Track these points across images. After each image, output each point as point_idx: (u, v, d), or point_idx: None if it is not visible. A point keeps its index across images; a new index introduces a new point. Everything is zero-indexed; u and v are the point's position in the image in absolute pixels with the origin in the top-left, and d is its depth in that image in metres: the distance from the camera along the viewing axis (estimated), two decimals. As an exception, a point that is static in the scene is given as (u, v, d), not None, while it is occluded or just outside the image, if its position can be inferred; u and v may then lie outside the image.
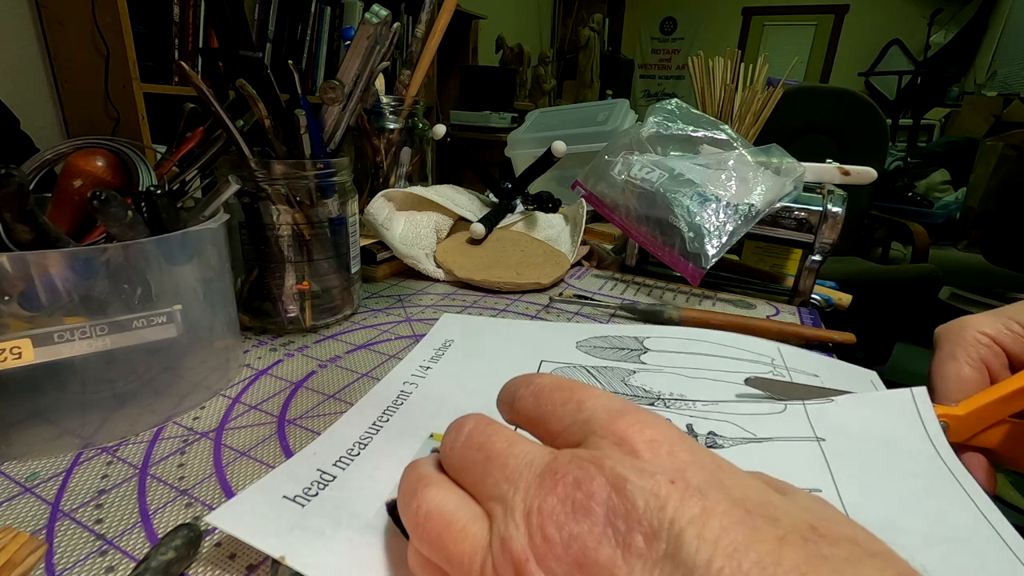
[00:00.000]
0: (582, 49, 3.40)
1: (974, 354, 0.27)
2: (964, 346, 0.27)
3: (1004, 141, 2.09)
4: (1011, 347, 0.27)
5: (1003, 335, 0.27)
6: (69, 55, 1.25)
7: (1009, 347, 0.27)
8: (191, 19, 1.31)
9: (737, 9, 4.34)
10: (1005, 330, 0.27)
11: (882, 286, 1.53)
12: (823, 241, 0.48)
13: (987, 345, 0.27)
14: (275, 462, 0.25)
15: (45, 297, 0.23)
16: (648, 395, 0.31)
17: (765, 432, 0.27)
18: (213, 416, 0.28)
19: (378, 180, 0.60)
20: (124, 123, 1.23)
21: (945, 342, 0.29)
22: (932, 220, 2.22)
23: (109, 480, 0.23)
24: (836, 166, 0.53)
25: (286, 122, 0.35)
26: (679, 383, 0.32)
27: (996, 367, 0.27)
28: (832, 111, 1.67)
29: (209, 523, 0.19)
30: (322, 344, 0.37)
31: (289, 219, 0.36)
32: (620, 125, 0.82)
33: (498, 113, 2.47)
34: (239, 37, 0.35)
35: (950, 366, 0.27)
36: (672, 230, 0.47)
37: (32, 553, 0.19)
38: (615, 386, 0.32)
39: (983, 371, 0.27)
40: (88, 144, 0.30)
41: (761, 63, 0.59)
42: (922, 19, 3.70)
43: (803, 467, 0.24)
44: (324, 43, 1.72)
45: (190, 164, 0.33)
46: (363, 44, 0.36)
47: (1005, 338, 0.27)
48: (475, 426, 0.16)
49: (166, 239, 0.26)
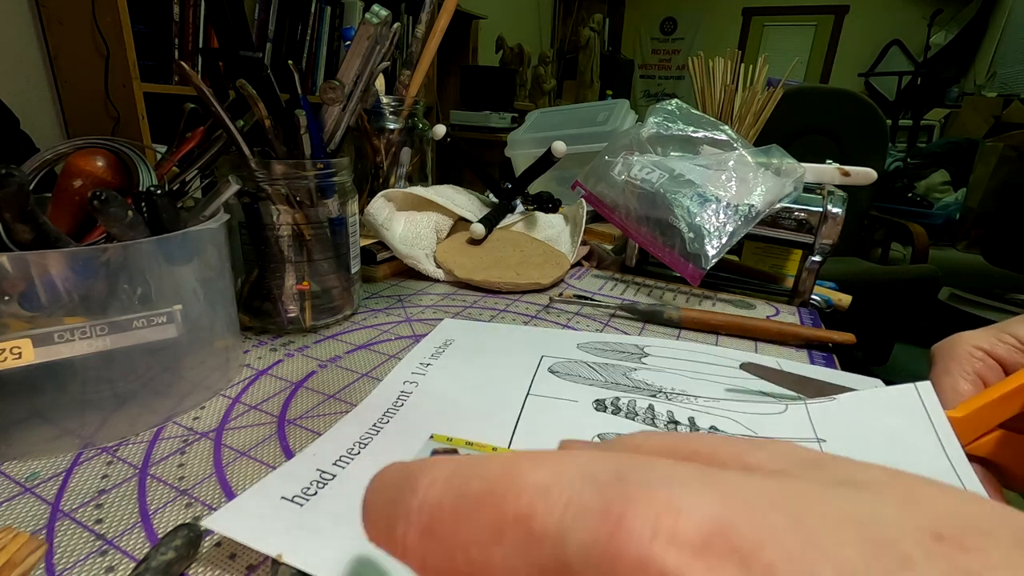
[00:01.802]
0: (582, 49, 3.40)
1: (969, 368, 0.27)
2: (959, 361, 0.28)
3: (1004, 142, 2.09)
4: (1006, 359, 0.27)
5: (997, 347, 0.27)
6: (69, 55, 1.25)
7: (1004, 359, 0.27)
8: (191, 19, 1.31)
9: (737, 9, 4.34)
10: (998, 343, 0.27)
11: (882, 287, 1.53)
12: (823, 242, 0.48)
13: (981, 359, 0.27)
14: (275, 462, 0.25)
15: (45, 297, 0.23)
16: (650, 388, 0.31)
17: (766, 431, 0.26)
18: (213, 416, 0.28)
19: (378, 180, 0.60)
20: (124, 123, 1.23)
21: (940, 358, 0.29)
22: (932, 221, 2.22)
23: (109, 480, 0.23)
24: (836, 167, 0.53)
25: (286, 122, 0.35)
26: (680, 381, 0.32)
27: (991, 380, 0.27)
28: (832, 112, 1.67)
29: (207, 527, 0.19)
30: (322, 344, 0.37)
31: (289, 219, 0.36)
32: (620, 125, 0.82)
33: (498, 113, 2.47)
34: (239, 37, 0.35)
35: (945, 380, 0.28)
36: (672, 230, 0.47)
37: (32, 553, 0.19)
38: (617, 379, 0.32)
39: (979, 384, 0.27)
40: (88, 144, 0.30)
41: (761, 63, 0.59)
42: (922, 19, 3.71)
43: None
44: (324, 43, 1.72)
45: (190, 164, 0.33)
46: (363, 44, 0.36)
47: (999, 350, 0.27)
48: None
49: (166, 239, 0.26)
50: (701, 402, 0.29)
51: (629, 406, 0.28)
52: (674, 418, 0.27)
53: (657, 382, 0.32)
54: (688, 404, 0.29)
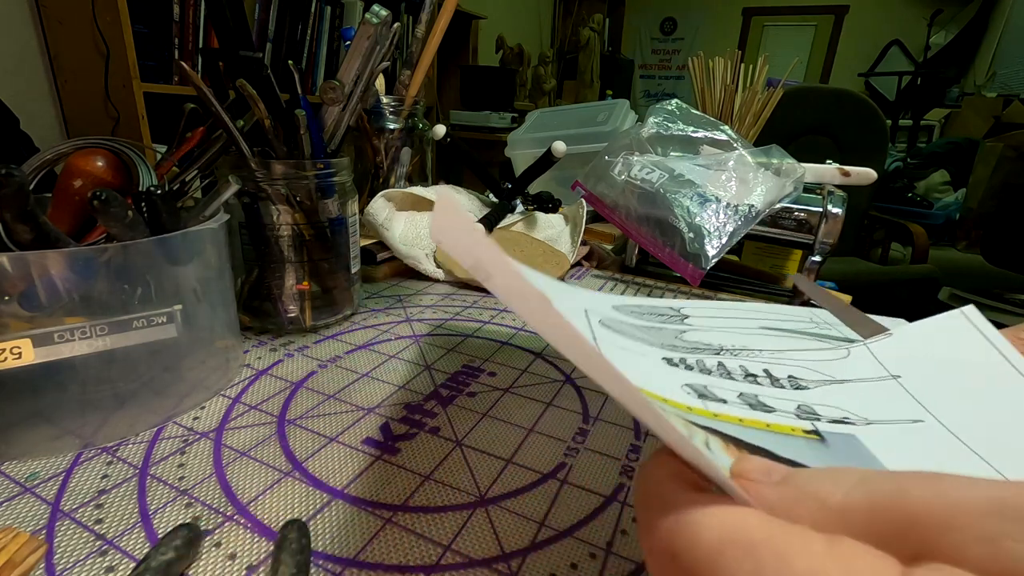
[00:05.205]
0: (582, 49, 3.40)
1: None
2: None
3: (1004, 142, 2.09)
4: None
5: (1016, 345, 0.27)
6: (69, 55, 1.25)
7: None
8: (191, 19, 1.31)
9: (737, 9, 4.34)
10: (1017, 340, 0.27)
11: (881, 287, 1.53)
12: (823, 242, 0.48)
13: None
14: (275, 462, 0.25)
15: (45, 297, 0.23)
16: (709, 348, 0.29)
17: (842, 374, 0.25)
18: (213, 416, 0.28)
19: (378, 180, 0.60)
20: (124, 123, 1.23)
21: None
22: (932, 221, 2.22)
23: (109, 480, 0.23)
24: (836, 167, 0.53)
25: (286, 122, 0.35)
26: (732, 338, 0.30)
27: None
28: (832, 112, 1.67)
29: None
30: (322, 344, 0.37)
31: (289, 219, 0.36)
32: (620, 125, 0.82)
33: (498, 113, 2.47)
34: (239, 37, 0.35)
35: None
36: (672, 231, 0.47)
37: (32, 553, 0.19)
38: (671, 341, 0.29)
39: None
40: (88, 144, 0.30)
41: (761, 63, 0.59)
42: (922, 20, 3.71)
43: (894, 404, 0.23)
44: (324, 43, 1.72)
45: (190, 164, 0.33)
46: (363, 44, 0.36)
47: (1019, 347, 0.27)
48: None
49: (166, 239, 0.26)
50: (767, 355, 0.27)
51: (699, 364, 0.27)
52: (749, 371, 0.25)
53: (714, 342, 0.30)
54: (757, 359, 0.27)
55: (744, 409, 0.19)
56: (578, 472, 0.25)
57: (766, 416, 0.19)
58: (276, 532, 0.21)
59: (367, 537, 0.21)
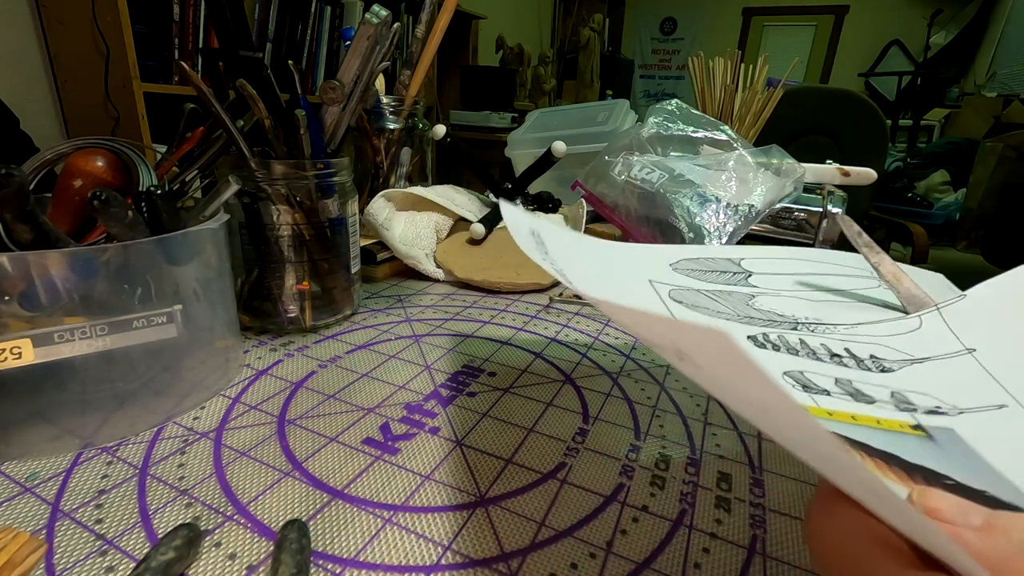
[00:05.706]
0: (582, 49, 3.40)
1: None
2: None
3: (1004, 142, 2.09)
4: None
5: None
6: (69, 55, 1.25)
7: None
8: (191, 19, 1.31)
9: (737, 9, 4.34)
10: None
11: (882, 287, 1.53)
12: (823, 242, 0.48)
13: None
14: (275, 462, 0.25)
15: (45, 297, 0.23)
16: (784, 319, 0.28)
17: (921, 352, 0.24)
18: (213, 416, 0.28)
19: (378, 180, 0.60)
20: (124, 123, 1.23)
21: None
22: (932, 221, 2.22)
23: (109, 480, 0.23)
24: (836, 167, 0.53)
25: (286, 122, 0.35)
26: (804, 307, 0.29)
27: None
28: (832, 112, 1.67)
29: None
30: (322, 344, 0.37)
31: (289, 219, 0.36)
32: (620, 125, 0.82)
33: (498, 113, 2.47)
34: (239, 37, 0.35)
35: None
36: (672, 230, 0.47)
37: (32, 553, 0.19)
38: (744, 311, 0.28)
39: None
40: (88, 144, 0.30)
41: (761, 64, 0.59)
42: (922, 20, 3.71)
43: (975, 386, 0.22)
44: (324, 43, 1.72)
45: (190, 164, 0.33)
46: (363, 44, 0.36)
47: None
48: None
49: (166, 239, 0.26)
50: (842, 331, 0.27)
51: (782, 341, 0.25)
52: (832, 351, 0.25)
53: (786, 311, 0.29)
54: (834, 335, 0.26)
55: (848, 402, 0.19)
56: (578, 472, 0.25)
57: (870, 410, 0.18)
58: (276, 532, 0.21)
59: (367, 537, 0.21)
